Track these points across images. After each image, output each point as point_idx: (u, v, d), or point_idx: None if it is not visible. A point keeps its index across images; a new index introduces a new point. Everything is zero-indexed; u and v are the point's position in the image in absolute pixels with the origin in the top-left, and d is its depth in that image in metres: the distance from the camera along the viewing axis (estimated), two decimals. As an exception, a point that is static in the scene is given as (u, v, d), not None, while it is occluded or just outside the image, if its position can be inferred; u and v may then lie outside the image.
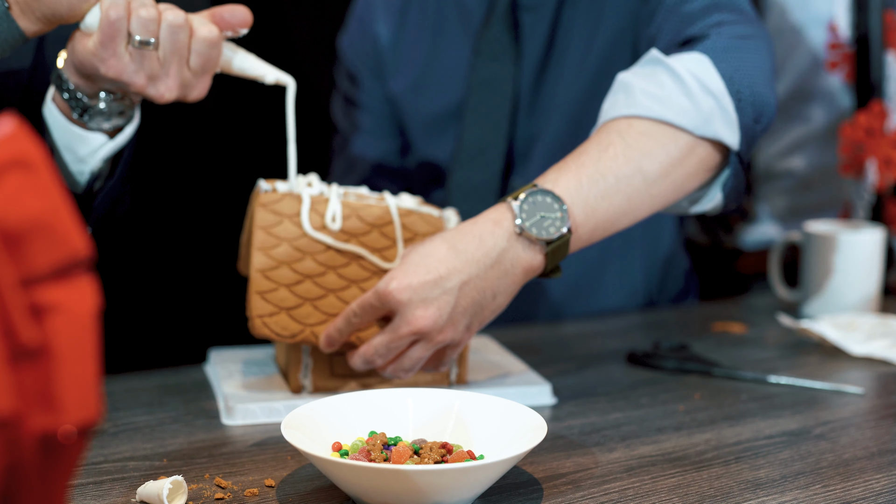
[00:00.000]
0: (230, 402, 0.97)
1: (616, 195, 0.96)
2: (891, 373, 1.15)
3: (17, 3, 0.89)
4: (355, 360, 0.95)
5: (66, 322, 0.48)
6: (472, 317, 0.93)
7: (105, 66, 0.91)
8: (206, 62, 0.94)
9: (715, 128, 1.00)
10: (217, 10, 0.95)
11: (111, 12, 0.90)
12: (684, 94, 0.99)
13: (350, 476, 0.74)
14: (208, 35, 0.93)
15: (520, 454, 0.75)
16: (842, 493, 0.82)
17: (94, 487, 0.81)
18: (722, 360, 1.16)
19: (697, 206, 1.06)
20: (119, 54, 0.91)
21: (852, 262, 1.37)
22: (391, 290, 0.90)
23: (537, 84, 1.36)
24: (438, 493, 0.73)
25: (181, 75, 0.93)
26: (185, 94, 0.95)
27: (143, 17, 0.90)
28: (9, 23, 0.89)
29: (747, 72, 1.03)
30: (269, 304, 0.95)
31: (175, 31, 0.91)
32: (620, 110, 1.00)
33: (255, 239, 0.97)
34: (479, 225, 0.93)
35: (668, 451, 0.90)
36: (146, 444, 0.90)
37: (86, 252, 0.48)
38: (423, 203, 1.04)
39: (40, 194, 0.48)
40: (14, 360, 0.46)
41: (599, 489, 0.81)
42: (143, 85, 0.93)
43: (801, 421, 0.98)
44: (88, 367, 0.48)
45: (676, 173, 0.99)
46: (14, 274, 0.46)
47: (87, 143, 0.98)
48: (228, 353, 1.13)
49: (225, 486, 0.81)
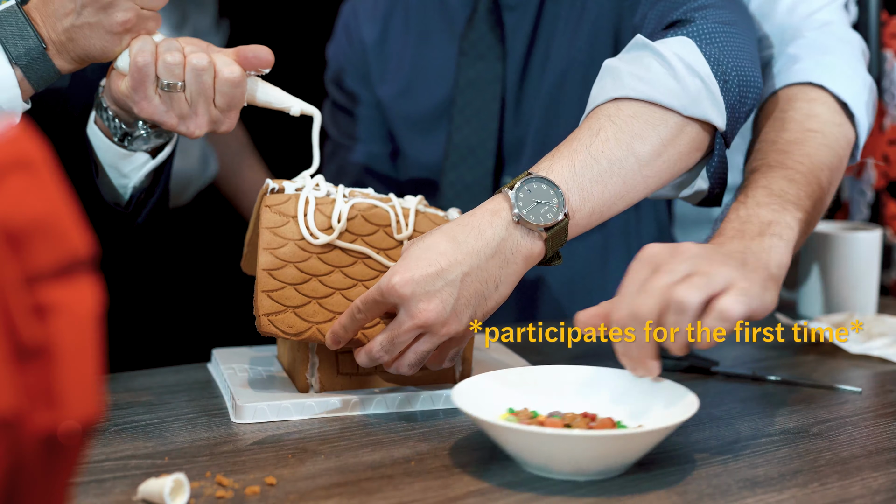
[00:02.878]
0: (239, 401, 0.97)
1: (610, 178, 0.97)
2: (889, 371, 1.16)
3: (54, 43, 0.96)
4: (361, 357, 0.95)
5: (68, 321, 0.48)
6: (476, 308, 0.93)
7: (138, 108, 0.98)
8: (231, 100, 0.99)
9: (703, 108, 1.00)
10: (241, 49, 1.00)
11: (139, 59, 0.97)
12: (671, 76, 1.00)
13: (542, 443, 0.81)
14: (231, 76, 0.98)
15: (679, 420, 0.83)
16: (840, 491, 0.82)
17: (95, 485, 0.81)
18: (720, 358, 1.17)
19: (685, 190, 1.07)
20: (150, 97, 0.98)
21: (850, 261, 1.37)
22: (394, 284, 0.90)
23: (523, 81, 1.37)
24: (614, 456, 0.82)
25: (209, 113, 0.99)
26: (216, 129, 1.01)
27: (169, 62, 0.97)
28: (45, 62, 0.96)
29: (733, 54, 1.03)
30: (275, 303, 0.96)
31: (199, 73, 0.97)
32: (608, 93, 1.01)
33: (261, 239, 0.98)
34: (478, 216, 0.94)
35: (666, 449, 0.90)
36: (148, 443, 0.90)
37: (87, 251, 0.49)
38: (425, 204, 1.06)
39: (42, 195, 0.48)
40: (16, 360, 0.47)
41: (598, 487, 0.82)
42: (175, 124, 0.99)
43: (799, 419, 0.99)
44: (90, 366, 0.49)
45: (668, 154, 1.00)
46: (16, 273, 0.47)
47: (129, 161, 1.06)
48: (232, 352, 1.13)
49: (226, 485, 0.81)
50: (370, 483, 0.82)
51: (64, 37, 0.96)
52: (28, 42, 0.95)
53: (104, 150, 1.05)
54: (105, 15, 0.95)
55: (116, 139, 1.03)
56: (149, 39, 0.98)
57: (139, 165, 1.06)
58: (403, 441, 0.92)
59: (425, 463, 0.87)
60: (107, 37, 0.96)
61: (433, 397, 1.00)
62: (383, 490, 0.81)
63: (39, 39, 0.95)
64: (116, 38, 0.97)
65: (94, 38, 0.96)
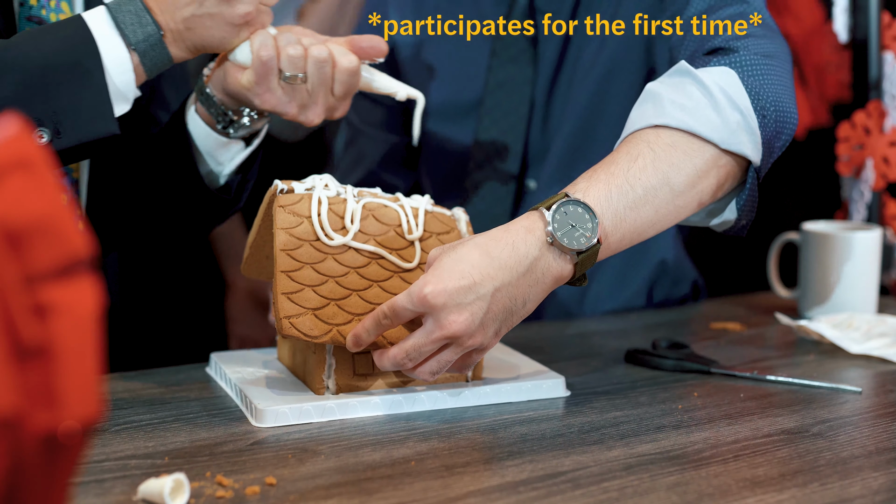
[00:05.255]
0: (259, 405, 0.95)
1: (644, 206, 0.98)
2: (889, 371, 1.16)
3: (171, 31, 0.99)
4: (384, 361, 0.95)
5: (67, 321, 0.48)
6: (502, 322, 0.94)
7: (261, 100, 1.03)
8: (348, 88, 1.04)
9: (740, 142, 1.01)
10: (355, 39, 1.05)
11: (262, 52, 1.01)
12: (712, 108, 1.01)
13: None
14: (349, 65, 1.03)
15: None
16: (840, 491, 0.82)
17: (95, 485, 0.81)
18: (720, 358, 1.17)
19: (715, 219, 1.07)
20: (272, 89, 1.02)
21: (850, 261, 1.37)
22: (426, 294, 0.90)
23: (553, 86, 1.37)
24: None
25: (327, 101, 1.04)
26: (331, 116, 1.05)
27: (292, 55, 1.01)
28: (161, 49, 0.99)
29: (772, 88, 1.04)
30: (295, 305, 0.95)
31: (321, 65, 1.01)
32: (649, 119, 1.02)
33: (277, 241, 0.97)
34: (512, 232, 0.94)
35: (666, 449, 0.90)
36: (148, 443, 0.90)
37: (87, 251, 0.49)
38: (432, 203, 1.06)
39: (42, 195, 0.48)
40: (16, 360, 0.47)
41: (598, 487, 0.82)
42: (296, 113, 1.04)
43: (799, 419, 0.99)
44: (90, 366, 0.49)
45: (701, 185, 1.00)
46: (16, 273, 0.47)
47: (227, 149, 1.10)
48: (230, 355, 1.12)
49: (226, 485, 0.81)
50: (370, 483, 0.82)
51: (182, 25, 0.99)
52: (147, 28, 0.98)
53: (204, 138, 1.08)
54: (227, 6, 0.99)
55: (220, 127, 1.07)
56: (268, 33, 1.01)
57: (234, 154, 1.10)
58: (403, 441, 0.92)
59: (425, 463, 0.86)
60: (226, 28, 0.99)
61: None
62: (383, 490, 0.81)
63: (157, 27, 0.98)
64: (235, 30, 1.00)
65: (213, 28, 0.99)
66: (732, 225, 1.07)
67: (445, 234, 1.05)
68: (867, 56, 1.63)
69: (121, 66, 0.97)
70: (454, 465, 0.86)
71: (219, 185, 1.13)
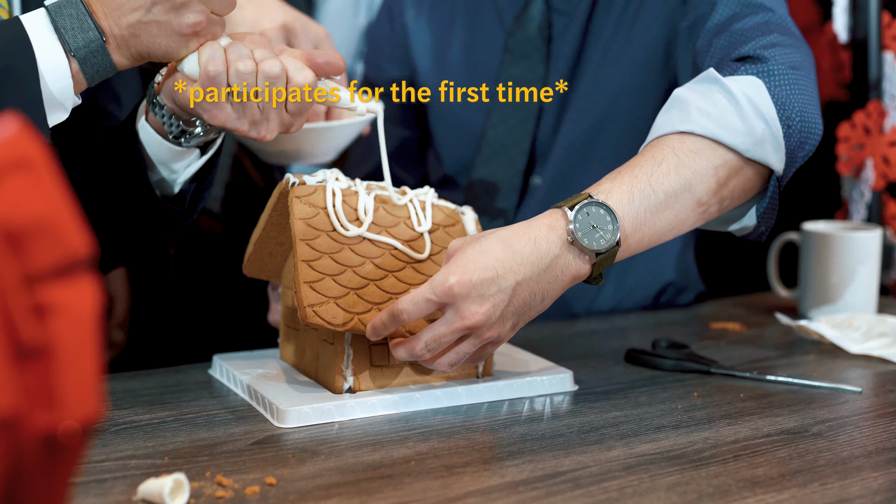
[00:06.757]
0: (281, 405, 0.95)
1: (665, 211, 0.98)
2: (888, 371, 1.16)
3: (115, 37, 0.92)
4: (400, 352, 0.96)
5: (67, 321, 0.48)
6: (519, 316, 0.95)
7: (209, 115, 0.95)
8: (302, 105, 0.97)
9: (764, 151, 1.02)
10: (312, 54, 0.98)
11: (210, 67, 0.93)
12: (738, 116, 1.01)
13: None
14: (303, 81, 0.95)
15: None
16: (839, 491, 0.82)
17: (95, 485, 0.81)
18: (720, 358, 1.17)
19: (734, 225, 1.08)
20: (221, 105, 0.95)
21: (850, 261, 1.37)
22: (451, 284, 0.91)
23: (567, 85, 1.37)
24: None
25: (280, 118, 0.97)
26: (286, 131, 0.99)
27: (241, 71, 0.93)
28: (103, 56, 0.93)
29: (798, 98, 1.05)
30: (318, 294, 0.96)
31: (273, 81, 0.94)
32: (675, 125, 1.02)
33: (296, 230, 0.98)
34: (535, 228, 0.95)
35: (666, 449, 0.90)
36: (147, 443, 0.90)
37: (87, 251, 0.49)
38: (437, 196, 1.08)
39: (42, 195, 0.48)
40: (16, 360, 0.47)
41: (598, 487, 0.82)
42: (246, 130, 0.96)
43: (798, 419, 0.99)
44: (90, 366, 0.49)
45: (723, 192, 1.01)
46: (16, 273, 0.47)
47: (181, 158, 1.03)
48: (234, 356, 1.12)
49: (226, 485, 0.81)
50: (370, 483, 0.82)
51: (127, 32, 0.92)
52: (88, 34, 0.91)
53: (156, 147, 1.02)
54: (176, 15, 0.92)
55: (172, 137, 1.01)
56: (217, 46, 0.95)
57: (189, 162, 1.04)
58: (403, 441, 0.92)
59: (425, 463, 0.87)
60: (174, 37, 0.93)
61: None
62: (383, 490, 0.81)
63: (100, 32, 0.92)
64: (183, 40, 0.94)
65: (160, 37, 0.93)
66: (751, 231, 1.07)
67: (451, 226, 1.07)
68: (867, 56, 1.63)
69: (58, 72, 0.91)
70: (454, 465, 0.86)
71: (173, 192, 1.07)
